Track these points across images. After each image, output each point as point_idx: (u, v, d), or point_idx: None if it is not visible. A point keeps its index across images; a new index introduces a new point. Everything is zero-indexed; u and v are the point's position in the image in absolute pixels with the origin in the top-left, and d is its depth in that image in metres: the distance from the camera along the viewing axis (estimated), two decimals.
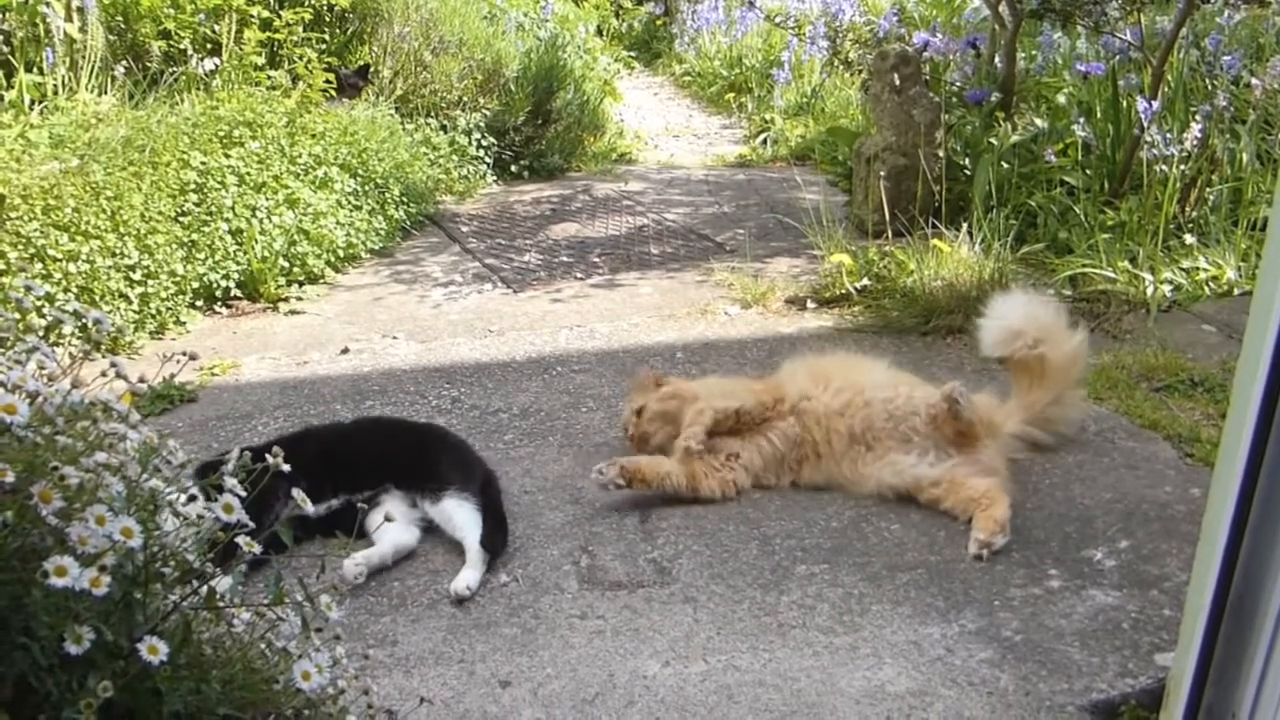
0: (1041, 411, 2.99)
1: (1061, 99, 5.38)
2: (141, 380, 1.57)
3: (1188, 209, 4.46)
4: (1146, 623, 2.28)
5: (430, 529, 2.68)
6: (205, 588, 1.42)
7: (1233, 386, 1.47)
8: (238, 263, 4.36)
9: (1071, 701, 2.06)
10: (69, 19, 4.94)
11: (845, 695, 2.09)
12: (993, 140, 5.03)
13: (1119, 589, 2.40)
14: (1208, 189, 4.49)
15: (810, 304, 4.26)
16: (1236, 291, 4.08)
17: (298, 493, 1.54)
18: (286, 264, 4.51)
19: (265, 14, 5.70)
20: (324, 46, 6.16)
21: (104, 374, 1.52)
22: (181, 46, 5.50)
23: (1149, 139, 4.30)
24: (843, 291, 4.24)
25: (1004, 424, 2.93)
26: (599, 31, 10.22)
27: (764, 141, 7.37)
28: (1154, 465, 2.94)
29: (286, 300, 4.45)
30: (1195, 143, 4.26)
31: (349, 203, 4.98)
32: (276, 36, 5.74)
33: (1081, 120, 4.77)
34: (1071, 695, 2.08)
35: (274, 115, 4.90)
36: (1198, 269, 4.17)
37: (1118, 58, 5.20)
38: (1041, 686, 2.10)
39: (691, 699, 2.10)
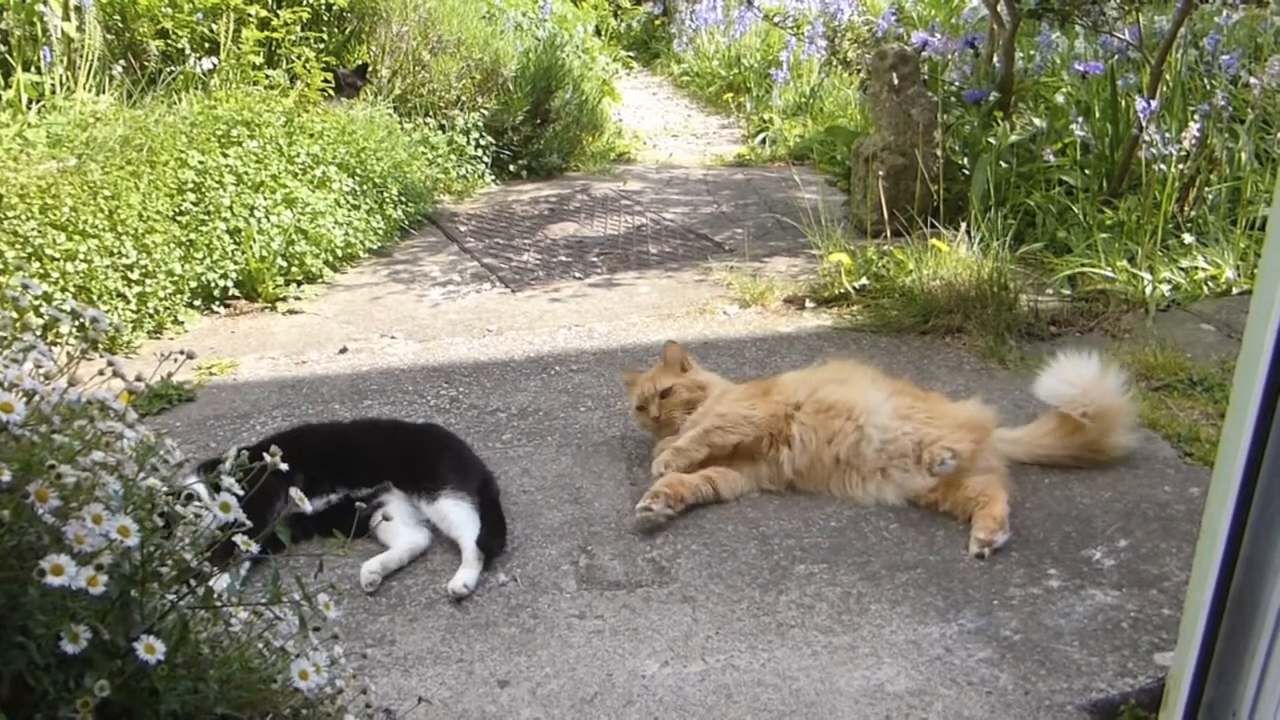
0: (1044, 456, 2.94)
1: (1060, 98, 5.38)
2: (139, 379, 1.56)
3: (1186, 208, 4.46)
4: (1146, 622, 2.28)
5: (436, 529, 2.67)
6: (203, 587, 1.42)
7: (1233, 385, 1.47)
8: (236, 262, 4.35)
9: (1071, 701, 2.06)
10: (66, 18, 4.93)
11: (844, 695, 2.09)
12: (991, 140, 5.03)
13: (1118, 588, 2.40)
14: (1206, 188, 4.49)
15: (809, 303, 4.26)
16: (1235, 291, 4.08)
17: (295, 491, 1.54)
18: (284, 263, 4.51)
19: (263, 13, 5.69)
20: (322, 46, 6.16)
21: (101, 373, 1.51)
22: (179, 46, 5.49)
23: (1147, 138, 4.30)
24: (841, 291, 4.24)
25: (997, 437, 2.89)
26: (597, 31, 10.22)
27: (762, 141, 7.37)
28: (1153, 464, 2.94)
29: (284, 300, 4.44)
30: (1194, 142, 4.26)
31: (347, 202, 4.98)
32: (274, 36, 5.73)
33: (1080, 120, 4.77)
34: (1071, 695, 2.07)
35: (272, 114, 4.89)
36: (1196, 268, 4.17)
37: (1116, 57, 5.20)
38: (1041, 686, 2.10)
39: (690, 699, 2.09)
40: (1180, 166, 4.32)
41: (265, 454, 1.48)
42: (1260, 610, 1.45)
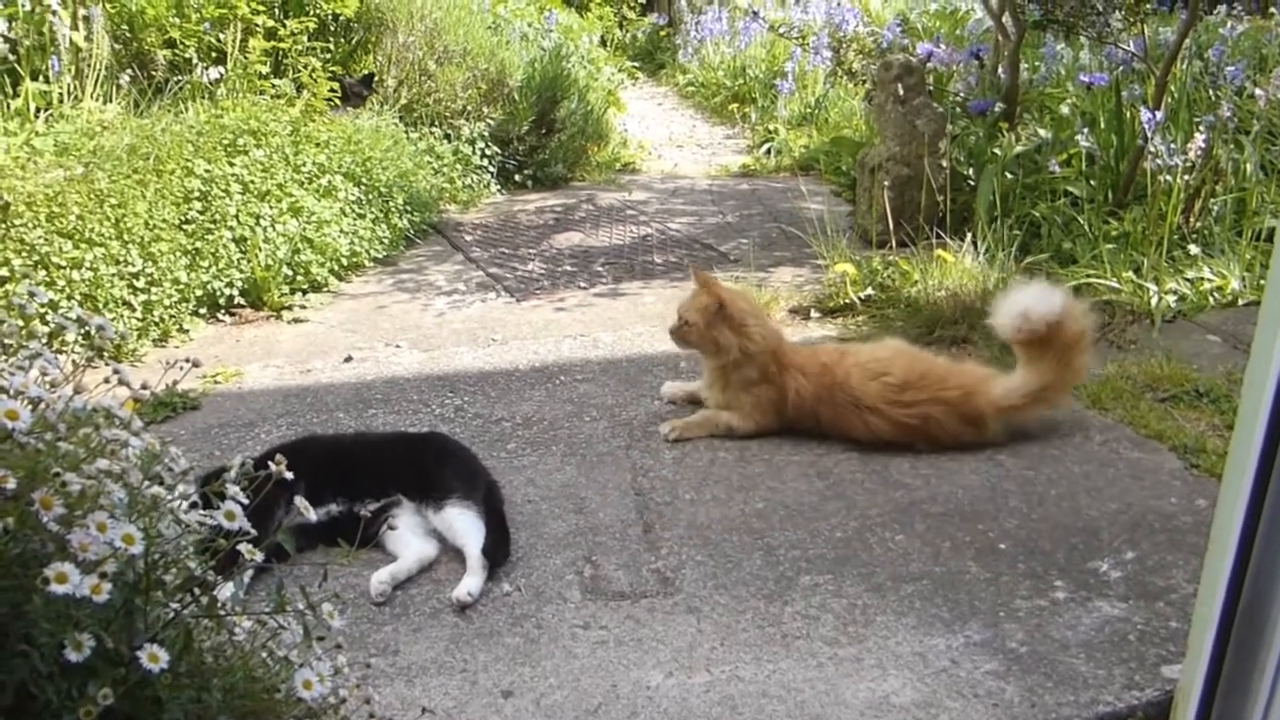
0: (1031, 394, 3.14)
1: (1065, 109, 5.39)
2: (144, 387, 1.56)
3: (1192, 219, 4.46)
4: (1153, 635, 2.26)
5: (442, 538, 2.67)
6: (207, 595, 1.41)
7: (1241, 395, 1.46)
8: (241, 271, 4.36)
9: (1078, 714, 2.04)
10: (75, 27, 4.95)
11: (850, 707, 2.08)
12: (996, 151, 5.03)
13: (1125, 600, 2.39)
14: (1212, 199, 4.49)
15: (814, 313, 4.25)
16: (1241, 302, 4.07)
17: (300, 500, 1.53)
18: (290, 272, 4.51)
19: (270, 23, 5.72)
20: (329, 55, 6.18)
21: (106, 381, 1.51)
22: (186, 55, 5.51)
23: (1153, 149, 4.30)
24: (847, 301, 4.23)
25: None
26: (603, 42, 10.25)
27: (768, 151, 7.38)
28: (1159, 476, 2.93)
29: (290, 308, 4.44)
30: (1199, 153, 4.26)
31: (353, 211, 4.99)
32: (281, 45, 5.75)
33: (1085, 131, 4.77)
34: (1078, 708, 2.06)
35: (278, 124, 4.90)
36: (1202, 279, 4.16)
37: (1121, 68, 5.21)
38: (1047, 699, 2.09)
39: (695, 710, 2.08)
40: (1185, 177, 4.31)
41: (271, 462, 1.47)
42: (1270, 624, 1.44)
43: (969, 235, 4.29)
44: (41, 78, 4.88)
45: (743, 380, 3.22)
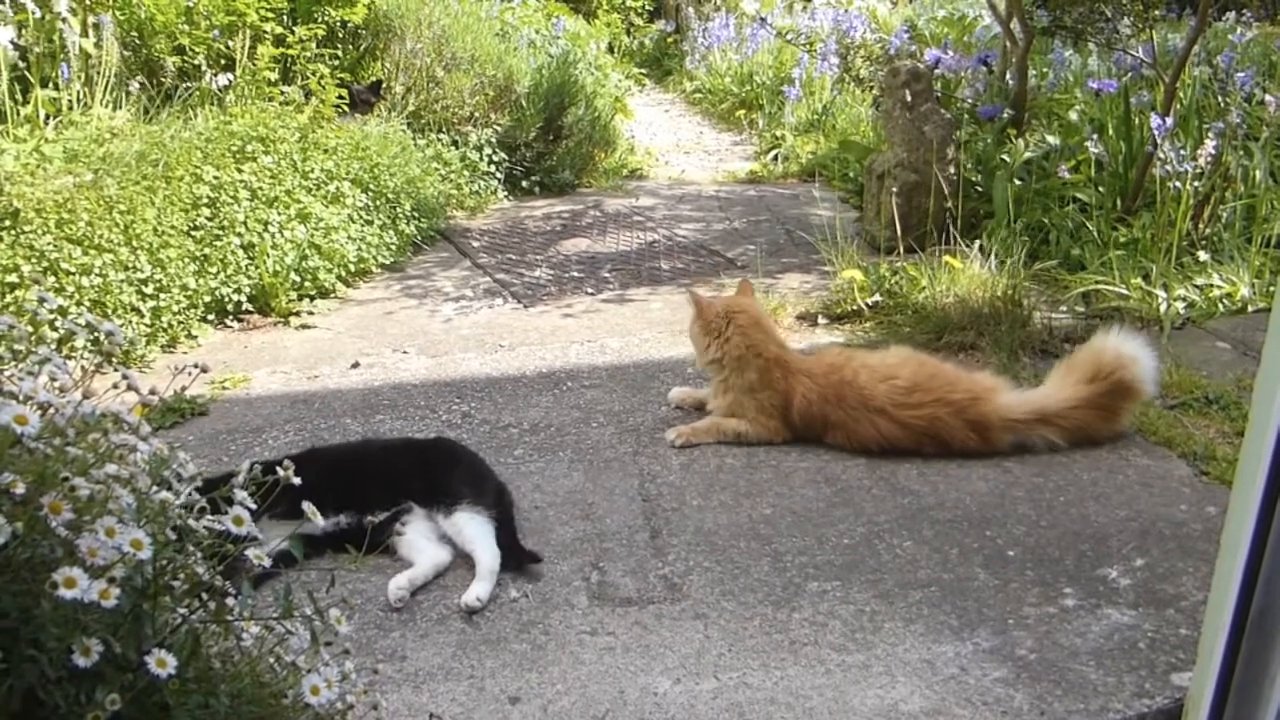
0: (1060, 410, 3.13)
1: (1074, 116, 5.38)
2: (152, 393, 1.56)
3: (1201, 226, 4.44)
4: (1163, 642, 2.25)
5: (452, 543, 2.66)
6: (215, 601, 1.41)
7: (1252, 401, 1.46)
8: (249, 277, 4.37)
9: None
10: (85, 35, 4.97)
11: (858, 714, 2.07)
12: (1005, 157, 5.03)
13: (1135, 608, 2.38)
14: (1221, 206, 4.47)
15: (821, 320, 4.25)
16: (1250, 309, 4.05)
17: (307, 506, 1.53)
18: (298, 278, 4.52)
19: (279, 30, 5.74)
20: (337, 62, 6.20)
21: (115, 386, 1.51)
22: (195, 62, 5.54)
23: (1162, 156, 4.29)
24: (854, 307, 4.23)
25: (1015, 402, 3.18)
26: (610, 49, 10.26)
27: (775, 158, 7.38)
28: (1169, 483, 2.92)
29: (298, 314, 4.46)
30: (1208, 159, 4.25)
31: (360, 217, 5.00)
32: (290, 52, 5.77)
33: (1094, 137, 4.76)
34: (1087, 715, 2.05)
35: (287, 130, 4.92)
36: (1211, 286, 4.15)
37: (1130, 75, 5.20)
38: (1057, 706, 2.08)
39: (702, 717, 2.08)
40: (1195, 184, 4.30)
41: (279, 468, 1.47)
42: None
43: (977, 241, 4.28)
44: (51, 85, 4.90)
45: (744, 385, 3.24)
